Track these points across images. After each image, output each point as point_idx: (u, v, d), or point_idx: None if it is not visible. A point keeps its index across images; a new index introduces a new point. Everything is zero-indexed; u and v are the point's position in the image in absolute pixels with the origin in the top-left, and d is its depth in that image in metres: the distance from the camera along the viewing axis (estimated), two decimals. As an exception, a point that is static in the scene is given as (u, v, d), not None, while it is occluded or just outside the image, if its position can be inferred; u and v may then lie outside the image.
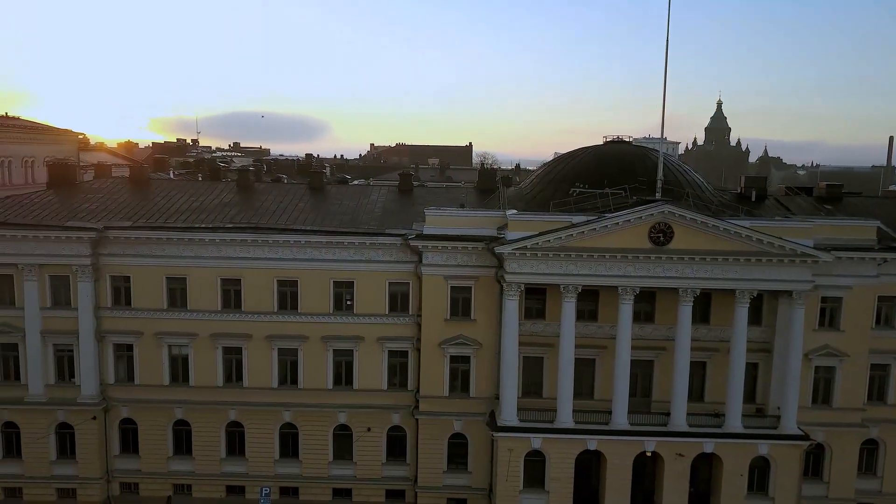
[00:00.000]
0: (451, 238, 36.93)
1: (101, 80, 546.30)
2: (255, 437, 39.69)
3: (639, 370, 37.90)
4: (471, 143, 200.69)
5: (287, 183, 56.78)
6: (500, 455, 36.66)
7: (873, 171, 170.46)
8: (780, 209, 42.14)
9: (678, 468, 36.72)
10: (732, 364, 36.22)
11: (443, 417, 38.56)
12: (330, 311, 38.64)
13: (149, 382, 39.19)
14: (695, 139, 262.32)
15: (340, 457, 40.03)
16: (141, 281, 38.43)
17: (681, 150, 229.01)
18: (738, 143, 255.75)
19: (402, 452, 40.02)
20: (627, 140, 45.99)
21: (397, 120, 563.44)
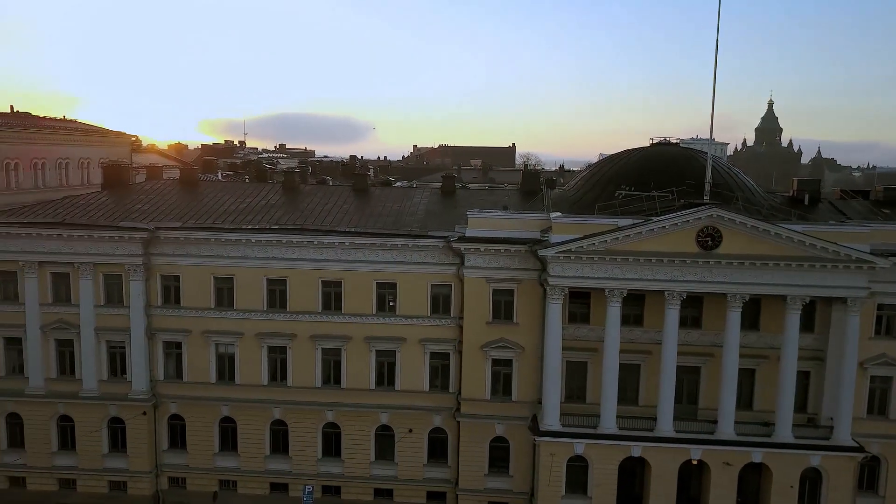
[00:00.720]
0: (493, 241, 36.80)
1: (155, 84, 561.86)
2: (298, 436, 40.21)
3: (685, 376, 37.17)
4: (514, 145, 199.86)
5: (332, 185, 57.45)
6: (542, 460, 36.39)
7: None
8: (835, 213, 40.87)
9: (725, 478, 35.88)
10: (783, 372, 35.22)
11: (484, 421, 38.45)
12: (373, 311, 38.91)
13: (196, 380, 40.07)
14: (744, 140, 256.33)
15: (382, 457, 40.27)
16: (190, 280, 39.31)
17: (729, 151, 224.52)
18: (790, 143, 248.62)
19: (443, 454, 40.05)
20: (674, 142, 45.23)
21: (440, 121, 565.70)
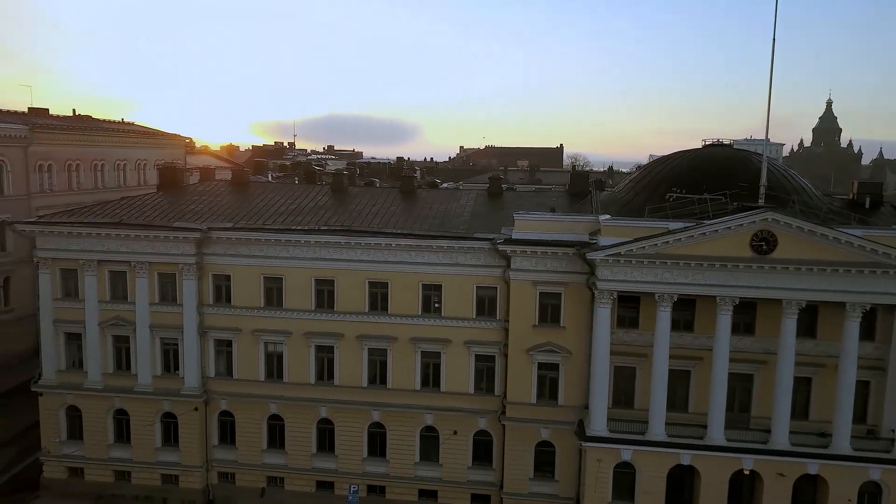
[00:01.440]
0: (540, 243, 36.50)
1: (209, 87, 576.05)
2: (344, 435, 40.61)
3: (737, 384, 36.21)
4: (561, 145, 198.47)
5: (379, 187, 57.91)
6: (589, 465, 35.93)
7: None
8: (898, 217, 39.26)
9: (779, 489, 34.83)
10: (841, 381, 33.98)
11: (530, 425, 38.16)
12: (418, 313, 39.04)
13: (246, 377, 40.83)
14: (801, 141, 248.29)
15: (426, 458, 40.35)
16: (240, 280, 40.10)
17: (785, 152, 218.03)
18: (850, 144, 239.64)
19: (487, 457, 39.91)
20: (727, 143, 44.17)
21: (486, 122, 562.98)
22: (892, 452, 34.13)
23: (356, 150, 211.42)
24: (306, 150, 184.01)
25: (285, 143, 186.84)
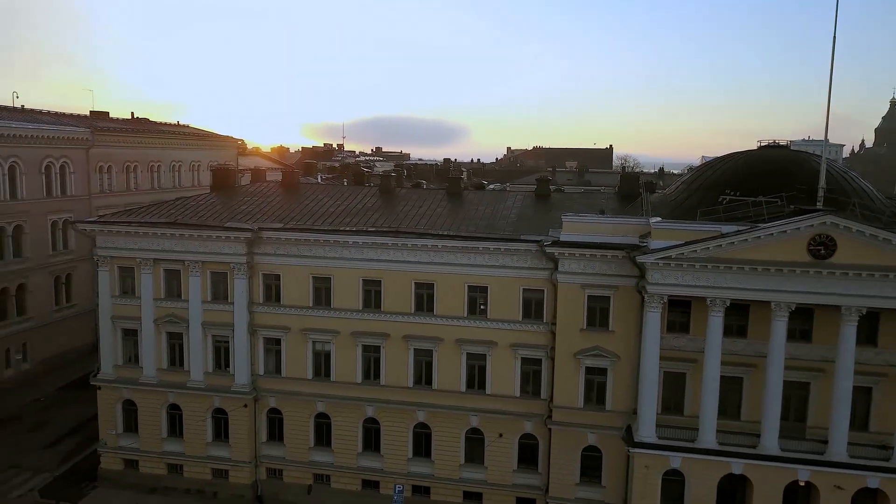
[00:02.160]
0: (589, 245, 36.02)
1: (261, 90, 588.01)
2: (389, 434, 40.84)
3: (792, 392, 35.08)
4: (611, 146, 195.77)
5: (426, 188, 58.11)
6: (637, 472, 35.32)
7: None
8: (967, 221, 37.44)
9: (836, 502, 33.61)
10: (904, 392, 32.66)
11: (576, 429, 37.73)
12: (464, 314, 39.00)
13: (294, 375, 41.42)
14: (862, 141, 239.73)
15: (471, 460, 40.27)
16: (290, 279, 40.72)
17: (845, 153, 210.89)
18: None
19: (533, 461, 39.62)
20: (784, 144, 42.98)
21: (534, 122, 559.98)
22: (959, 468, 32.57)
23: (403, 152, 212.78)
24: (355, 151, 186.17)
25: (334, 145, 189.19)
